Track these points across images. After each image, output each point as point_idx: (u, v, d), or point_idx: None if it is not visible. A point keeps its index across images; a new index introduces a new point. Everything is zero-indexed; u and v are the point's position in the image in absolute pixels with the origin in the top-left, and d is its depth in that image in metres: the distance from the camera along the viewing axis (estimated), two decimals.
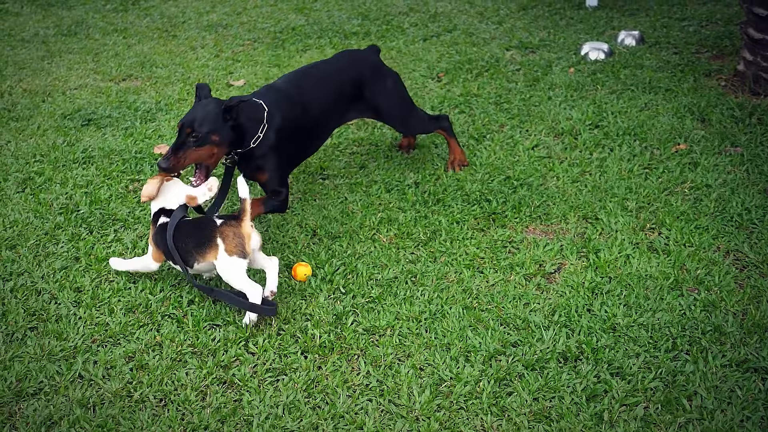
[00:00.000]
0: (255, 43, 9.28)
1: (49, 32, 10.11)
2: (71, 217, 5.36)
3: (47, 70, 8.63)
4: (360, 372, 3.92)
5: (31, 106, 7.48)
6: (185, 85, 7.94)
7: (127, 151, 6.33)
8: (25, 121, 7.10)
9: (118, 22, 10.56)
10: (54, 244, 5.08)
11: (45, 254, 4.96)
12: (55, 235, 5.16)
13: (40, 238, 5.13)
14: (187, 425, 3.62)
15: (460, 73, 7.81)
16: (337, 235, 5.08)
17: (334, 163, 6.04)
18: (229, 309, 4.38)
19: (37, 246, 5.05)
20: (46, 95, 7.80)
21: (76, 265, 4.84)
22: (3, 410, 3.72)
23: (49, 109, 7.38)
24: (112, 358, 4.05)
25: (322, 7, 10.72)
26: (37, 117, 7.21)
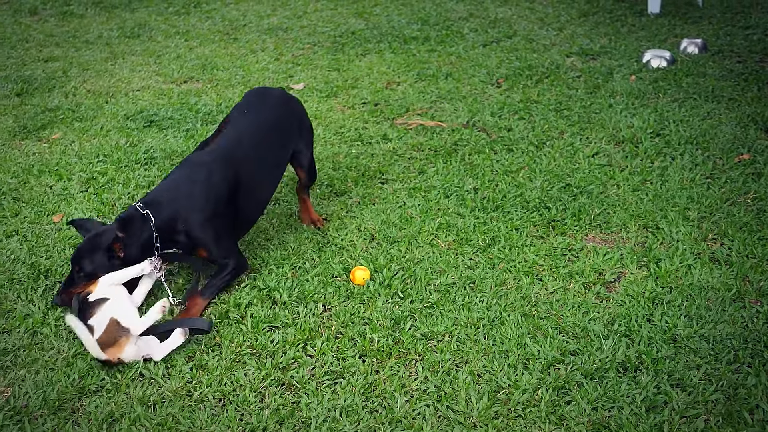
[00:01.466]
0: (315, 47, 9.33)
1: (113, 34, 10.25)
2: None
3: (110, 71, 8.74)
4: (418, 377, 3.92)
5: (94, 107, 7.59)
6: (245, 87, 8.00)
7: (188, 153, 6.38)
8: (89, 122, 7.21)
9: (180, 24, 10.67)
10: None
11: None
12: None
13: None
14: (246, 426, 3.64)
15: (520, 79, 7.79)
16: (396, 240, 5.08)
17: (393, 168, 6.04)
18: (288, 311, 4.40)
19: None
20: (110, 96, 7.91)
21: None
22: (66, 407, 3.77)
23: (113, 110, 7.47)
24: (172, 357, 4.08)
25: (382, 11, 10.75)
26: (100, 118, 7.30)
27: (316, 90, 7.82)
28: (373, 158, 6.23)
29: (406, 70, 8.28)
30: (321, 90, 7.80)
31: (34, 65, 9.04)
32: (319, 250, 4.99)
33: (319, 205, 5.53)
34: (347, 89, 7.81)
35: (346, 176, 5.92)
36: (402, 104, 7.31)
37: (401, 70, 8.31)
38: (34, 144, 6.79)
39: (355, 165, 6.10)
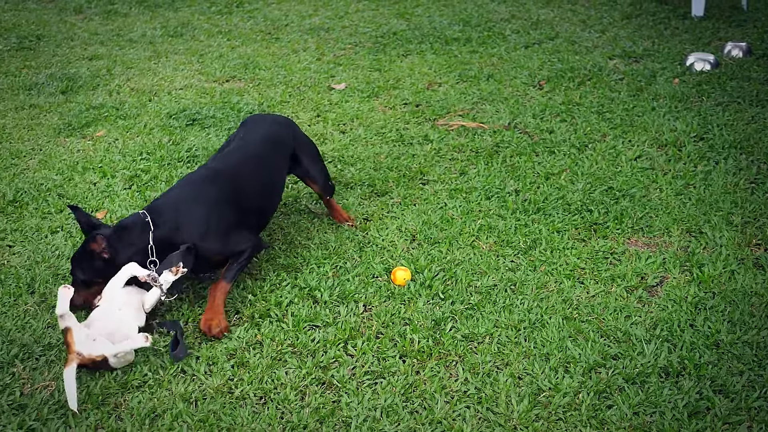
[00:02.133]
0: (356, 47, 9.34)
1: (156, 33, 10.33)
2: None
3: (154, 70, 8.81)
4: (458, 378, 3.91)
5: (138, 105, 7.65)
6: (287, 87, 8.03)
7: None
8: (133, 120, 7.27)
9: (223, 24, 10.73)
10: None
11: None
12: None
13: None
14: (287, 424, 3.66)
15: (562, 81, 7.76)
16: (437, 241, 5.08)
17: (434, 169, 6.04)
18: (329, 310, 4.42)
19: None
20: (153, 95, 7.97)
21: None
22: (109, 401, 3.81)
23: (156, 109, 7.53)
24: (214, 354, 4.11)
25: (424, 12, 10.75)
26: (143, 116, 7.37)
27: (357, 90, 7.83)
28: (414, 159, 6.23)
29: (447, 71, 8.27)
30: (362, 90, 7.81)
31: (79, 63, 9.13)
32: (360, 250, 5.01)
33: (360, 205, 5.55)
34: (388, 90, 7.82)
35: (387, 177, 5.93)
36: (443, 105, 7.31)
37: (443, 71, 8.31)
38: (78, 141, 6.86)
39: (396, 165, 6.11)
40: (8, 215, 5.57)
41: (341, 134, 6.80)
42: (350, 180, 5.90)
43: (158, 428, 3.65)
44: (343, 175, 5.99)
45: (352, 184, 5.85)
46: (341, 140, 6.64)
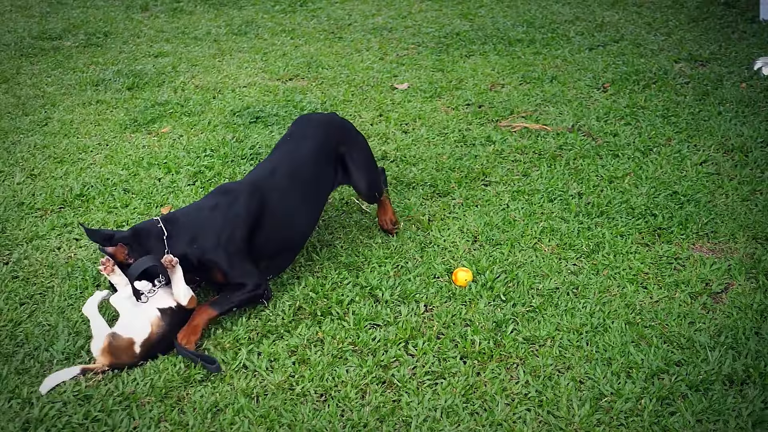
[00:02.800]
0: (419, 47, 9.34)
1: (221, 31, 10.42)
2: None
3: (218, 67, 8.89)
4: (519, 381, 3.90)
5: (202, 102, 7.73)
6: (350, 86, 8.06)
7: None
8: (197, 117, 7.34)
9: (287, 22, 10.79)
10: None
11: None
12: None
13: None
14: (347, 422, 3.67)
15: (626, 84, 7.69)
16: (499, 243, 5.07)
17: (496, 170, 6.03)
18: (390, 309, 4.43)
19: None
20: (217, 92, 8.04)
21: None
22: (172, 394, 3.85)
23: (220, 106, 7.60)
24: (275, 350, 4.14)
25: (487, 13, 10.72)
26: (208, 113, 7.44)
27: (420, 90, 7.83)
28: (477, 160, 6.22)
29: (510, 73, 8.24)
30: (425, 90, 7.81)
31: (145, 60, 9.24)
32: (421, 250, 5.01)
33: (422, 206, 5.55)
34: (451, 90, 7.81)
35: (449, 177, 5.93)
36: (506, 106, 7.28)
37: (506, 72, 8.28)
38: (144, 137, 6.94)
39: (459, 166, 6.10)
40: (75, 209, 5.66)
41: (403, 134, 6.81)
42: (412, 180, 5.90)
43: (220, 423, 3.68)
44: (405, 174, 5.99)
45: (414, 184, 5.85)
46: (403, 140, 6.64)
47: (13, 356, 4.14)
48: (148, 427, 3.66)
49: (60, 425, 3.65)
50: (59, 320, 4.39)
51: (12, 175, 6.21)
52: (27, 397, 3.82)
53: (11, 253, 5.12)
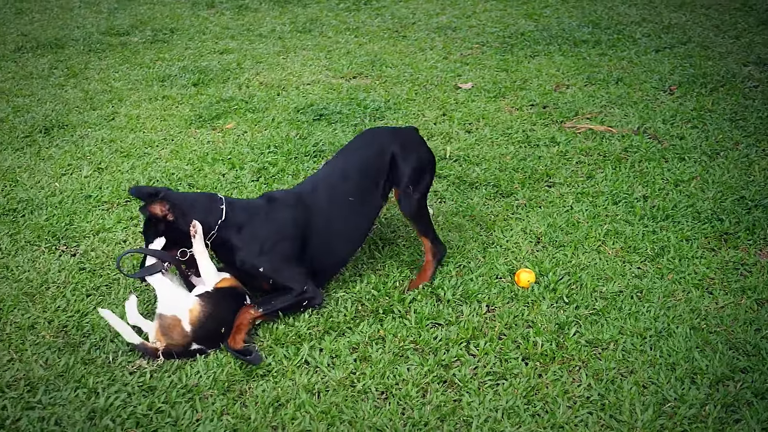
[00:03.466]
0: (483, 47, 9.32)
1: (285, 29, 10.49)
2: None
3: (282, 64, 8.94)
4: (581, 384, 3.87)
5: (266, 98, 7.77)
6: (413, 85, 8.06)
7: None
8: (261, 113, 7.39)
9: (351, 21, 10.83)
10: None
11: None
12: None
13: None
14: (408, 420, 3.67)
15: (693, 87, 7.59)
16: (562, 244, 5.03)
17: (560, 171, 5.99)
18: (451, 309, 4.42)
19: None
20: (281, 89, 8.09)
21: None
22: (234, 388, 3.88)
23: (284, 103, 7.64)
24: (337, 347, 4.15)
25: (552, 13, 10.66)
26: (272, 110, 7.48)
27: (484, 90, 7.81)
28: (541, 161, 6.18)
29: (575, 73, 8.19)
30: (489, 90, 7.79)
31: (210, 57, 9.33)
32: (483, 250, 4.99)
33: (484, 205, 5.53)
34: (515, 90, 7.78)
35: (513, 178, 5.90)
36: (571, 107, 7.23)
37: (571, 72, 8.23)
38: (208, 133, 7.00)
39: (522, 167, 6.07)
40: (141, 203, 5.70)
41: (467, 134, 6.79)
42: (475, 180, 5.88)
43: (281, 417, 3.70)
44: (468, 174, 5.97)
45: (477, 184, 5.83)
46: (467, 139, 6.63)
47: (80, 346, 4.19)
48: (210, 420, 3.68)
49: (125, 415, 3.69)
50: (124, 312, 4.44)
51: (80, 168, 6.30)
52: (93, 386, 3.87)
53: (78, 245, 5.19)
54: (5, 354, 4.13)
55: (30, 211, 5.61)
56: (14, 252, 5.12)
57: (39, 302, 4.59)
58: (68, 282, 4.78)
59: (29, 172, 6.27)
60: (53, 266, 4.94)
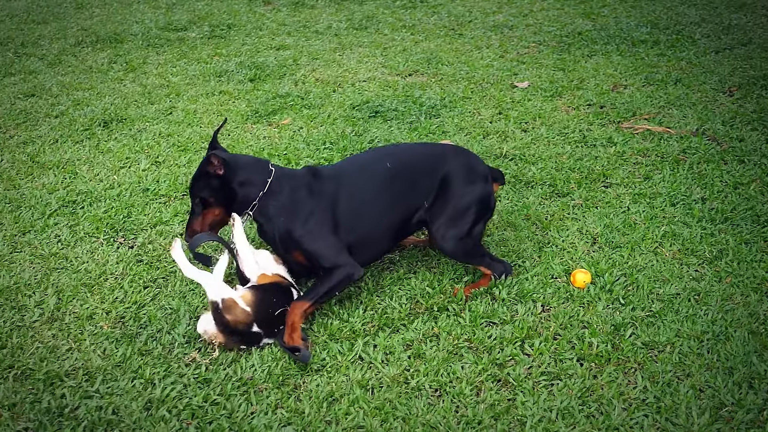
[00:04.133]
0: (540, 46, 9.27)
1: (342, 25, 10.51)
2: None
3: (338, 61, 8.97)
4: (636, 386, 3.83)
5: (322, 95, 7.80)
6: (469, 83, 8.04)
7: None
8: (317, 109, 7.42)
9: (407, 18, 10.82)
10: None
11: None
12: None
13: None
14: (461, 418, 3.67)
15: (754, 88, 7.49)
16: (618, 245, 4.99)
17: (617, 172, 5.94)
18: (506, 308, 4.40)
19: None
20: (337, 86, 8.11)
21: None
22: (289, 382, 3.90)
23: (339, 99, 7.66)
24: (391, 344, 4.15)
25: (610, 12, 10.58)
26: (327, 106, 7.51)
27: (540, 89, 7.77)
28: (597, 161, 6.14)
29: (633, 74, 8.11)
30: (545, 89, 7.75)
31: (267, 53, 9.38)
32: (539, 250, 4.97)
33: (540, 205, 5.50)
34: (572, 90, 7.73)
35: (569, 177, 5.86)
36: (628, 108, 7.17)
37: (628, 72, 8.16)
38: (264, 128, 7.04)
39: (579, 167, 6.03)
40: None
41: (523, 133, 6.76)
42: (531, 179, 5.86)
43: (335, 412, 3.71)
44: (524, 173, 5.95)
45: (532, 183, 5.81)
46: (523, 138, 6.60)
47: (137, 337, 4.24)
48: (265, 413, 3.71)
49: (181, 406, 3.73)
50: (181, 304, 4.48)
51: (138, 161, 6.37)
52: (149, 377, 3.92)
53: (136, 238, 5.25)
54: (64, 343, 4.20)
55: (89, 203, 5.69)
56: (73, 243, 5.19)
57: (97, 293, 4.65)
58: (126, 274, 4.84)
59: (88, 164, 6.36)
60: (111, 258, 5.00)
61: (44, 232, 5.31)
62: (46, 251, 5.09)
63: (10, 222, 5.45)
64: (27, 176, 6.17)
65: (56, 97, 8.08)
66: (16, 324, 4.37)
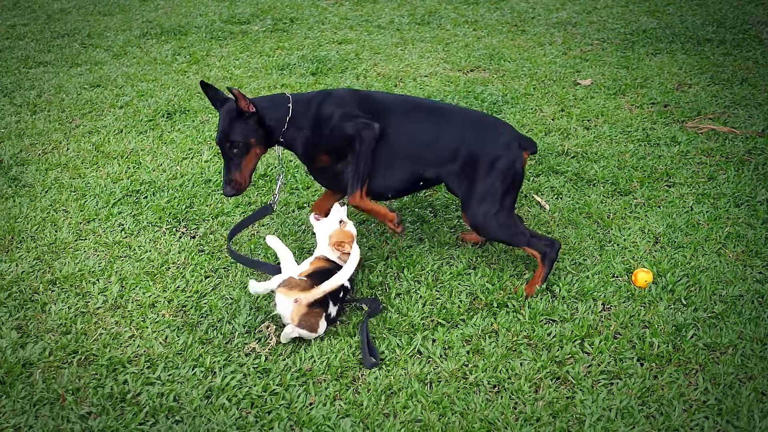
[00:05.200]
0: (604, 43, 9.20)
1: (404, 20, 10.51)
2: (417, 199, 5.55)
3: (400, 56, 8.97)
4: (698, 387, 3.79)
5: (384, 89, 7.80)
6: (532, 80, 8.00)
7: None
8: None
9: (469, 14, 10.80)
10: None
11: (392, 232, 5.16)
12: (402, 215, 5.35)
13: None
14: (519, 414, 3.66)
15: None
16: (681, 245, 4.94)
17: (681, 171, 5.87)
18: (566, 306, 4.38)
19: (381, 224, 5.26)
20: (398, 80, 8.12)
21: (419, 246, 5.01)
22: (347, 374, 3.91)
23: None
24: (450, 339, 4.15)
25: (675, 11, 10.46)
26: None
27: (603, 87, 7.71)
28: (660, 160, 6.07)
29: (698, 73, 8.02)
30: (608, 87, 7.69)
31: (329, 47, 9.41)
32: (600, 248, 4.93)
33: (602, 203, 5.46)
34: (636, 88, 7.66)
35: (632, 176, 5.81)
36: (693, 107, 7.09)
37: (693, 72, 8.06)
38: None
39: (641, 165, 5.98)
40: (259, 188, 5.81)
41: (585, 130, 6.72)
42: (593, 177, 5.81)
43: (393, 405, 3.72)
44: (586, 171, 5.91)
45: (594, 181, 5.77)
46: (585, 136, 6.56)
47: (198, 326, 4.28)
48: (323, 404, 3.72)
49: (240, 395, 3.76)
50: (241, 295, 4.52)
51: (200, 152, 6.42)
52: (210, 366, 3.96)
53: (198, 228, 5.30)
54: (127, 330, 4.25)
55: (152, 192, 5.75)
56: (137, 232, 5.25)
57: (159, 282, 4.70)
58: (187, 263, 4.89)
59: (152, 155, 6.43)
60: (173, 247, 5.06)
61: (108, 221, 5.39)
62: (110, 239, 5.16)
63: (75, 210, 5.53)
64: (92, 165, 6.25)
65: (121, 88, 8.19)
66: (80, 310, 4.44)
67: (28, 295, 4.57)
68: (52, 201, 5.67)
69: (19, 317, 4.37)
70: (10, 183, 5.97)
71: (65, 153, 6.52)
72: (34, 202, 5.65)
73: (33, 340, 4.18)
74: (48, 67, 9.06)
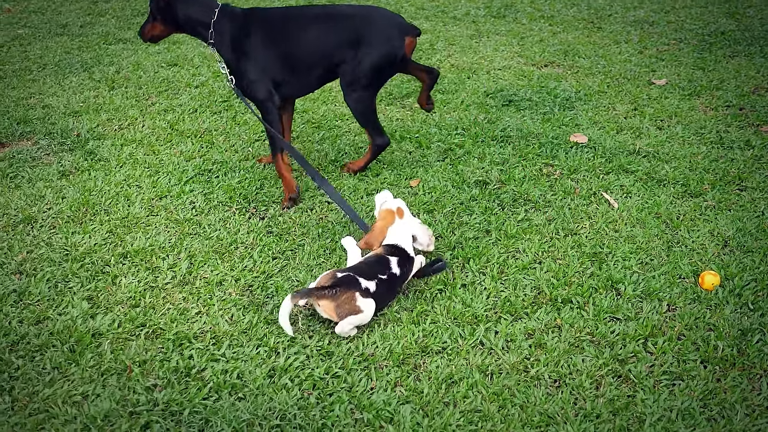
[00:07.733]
0: (680, 44, 9.10)
1: (480, 13, 10.50)
2: (485, 191, 5.56)
3: (474, 48, 8.97)
4: (761, 393, 3.76)
5: (457, 81, 7.82)
6: (606, 77, 7.95)
7: (543, 135, 6.45)
8: (451, 95, 7.44)
9: (546, 9, 10.75)
10: (468, 214, 5.29)
11: (458, 223, 5.18)
12: (469, 206, 5.37)
13: (455, 206, 5.37)
14: (579, 410, 3.66)
15: None
16: (750, 250, 4.89)
17: (754, 176, 5.81)
18: (631, 305, 4.36)
19: (452, 214, 5.29)
20: (472, 72, 8.12)
21: (486, 238, 5.02)
22: (409, 361, 3.94)
23: (473, 86, 7.67)
24: (512, 332, 4.16)
25: (756, 13, 10.31)
26: (461, 92, 7.52)
27: (678, 87, 7.64)
28: (733, 163, 6.01)
29: None
30: (683, 88, 7.61)
31: None
32: (667, 249, 4.90)
33: (671, 204, 5.42)
34: (711, 90, 7.58)
35: (703, 178, 5.76)
36: None
37: None
38: (398, 110, 7.10)
39: (713, 168, 5.92)
40: (329, 174, 5.86)
41: (658, 130, 6.66)
42: (663, 177, 5.77)
43: (453, 394, 3.74)
44: (657, 171, 5.86)
45: (665, 181, 5.72)
46: (657, 136, 6.50)
47: (263, 306, 4.35)
48: (384, 390, 3.76)
49: (303, 376, 3.81)
50: (308, 277, 4.57)
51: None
52: (273, 346, 4.01)
53: (267, 209, 5.36)
54: (194, 306, 4.33)
55: (224, 172, 5.84)
56: (207, 210, 5.33)
57: (227, 260, 4.78)
58: (256, 244, 4.95)
59: (225, 135, 6.51)
60: (242, 227, 5.13)
61: (180, 198, 5.48)
62: (181, 216, 5.25)
63: (149, 186, 5.64)
64: (166, 143, 6.36)
65: (197, 68, 8.30)
66: (149, 284, 4.53)
67: (99, 267, 4.68)
68: (126, 176, 5.78)
69: (90, 288, 4.48)
70: (86, 156, 6.10)
71: (140, 129, 6.64)
72: (108, 176, 5.77)
73: (103, 311, 4.28)
74: (127, 44, 9.22)
